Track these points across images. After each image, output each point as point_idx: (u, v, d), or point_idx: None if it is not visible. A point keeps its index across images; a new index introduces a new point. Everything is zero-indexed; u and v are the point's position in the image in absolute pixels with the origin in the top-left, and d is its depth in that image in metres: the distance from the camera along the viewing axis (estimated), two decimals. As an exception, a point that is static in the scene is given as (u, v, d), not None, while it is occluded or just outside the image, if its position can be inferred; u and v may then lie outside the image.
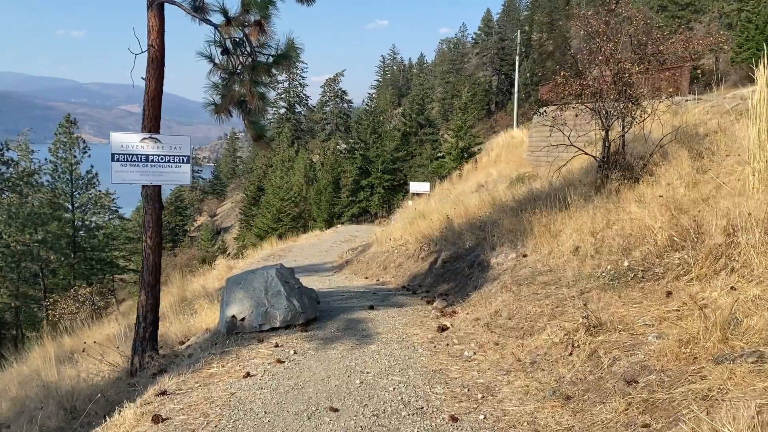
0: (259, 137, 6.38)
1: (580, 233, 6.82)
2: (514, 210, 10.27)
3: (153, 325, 6.43)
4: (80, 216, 39.41)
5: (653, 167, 8.96)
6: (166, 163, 6.43)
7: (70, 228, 37.92)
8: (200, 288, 13.11)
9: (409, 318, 6.35)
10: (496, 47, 77.48)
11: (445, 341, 5.30)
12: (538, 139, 22.38)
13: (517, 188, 15.48)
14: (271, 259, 16.72)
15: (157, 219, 6.45)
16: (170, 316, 9.35)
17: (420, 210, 19.14)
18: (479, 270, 8.11)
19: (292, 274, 6.31)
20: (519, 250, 7.79)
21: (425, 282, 9.57)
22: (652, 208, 6.54)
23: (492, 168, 25.54)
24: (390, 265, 12.20)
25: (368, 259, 13.86)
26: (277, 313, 5.74)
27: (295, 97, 71.02)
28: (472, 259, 8.78)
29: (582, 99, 8.92)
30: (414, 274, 10.43)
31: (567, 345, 4.28)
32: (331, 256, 17.21)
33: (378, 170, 43.34)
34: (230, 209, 75.00)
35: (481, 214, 11.76)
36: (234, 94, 6.01)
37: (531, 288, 6.05)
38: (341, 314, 6.62)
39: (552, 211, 8.23)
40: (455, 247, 9.96)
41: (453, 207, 14.86)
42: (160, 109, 6.39)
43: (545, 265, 6.76)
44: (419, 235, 12.29)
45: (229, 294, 5.95)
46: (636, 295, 4.95)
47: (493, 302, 6.15)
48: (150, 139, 6.34)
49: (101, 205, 44.70)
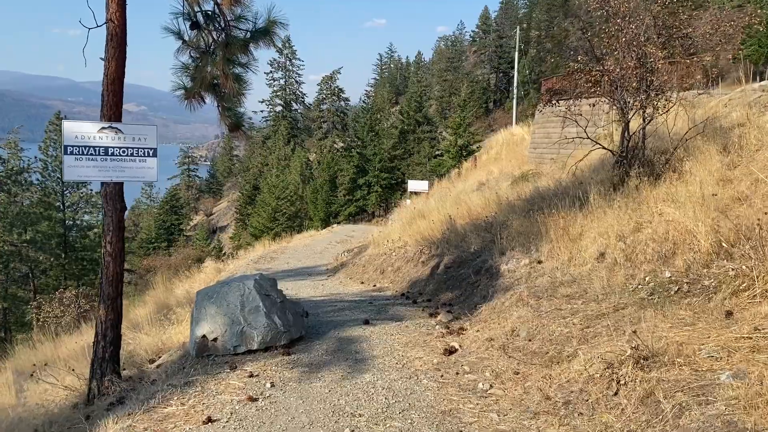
0: (236, 127, 5.51)
1: (606, 237, 5.96)
2: (523, 210, 9.41)
3: (114, 344, 5.55)
4: (71, 215, 38.48)
5: (676, 163, 8.13)
6: (128, 157, 5.55)
7: (60, 227, 37.00)
8: (184, 293, 12.22)
9: (410, 336, 5.48)
10: (494, 45, 76.62)
11: (454, 368, 4.44)
12: (541, 135, 21.53)
13: (522, 186, 14.63)
14: (261, 261, 15.84)
15: (119, 222, 5.57)
16: (146, 327, 8.48)
17: (419, 209, 18.26)
18: (487, 277, 7.25)
19: (274, 285, 5.43)
20: (533, 256, 6.93)
21: (426, 289, 8.70)
22: (688, 208, 5.69)
23: (493, 166, 24.68)
24: (388, 269, 11.33)
25: (365, 262, 12.98)
26: (254, 333, 4.86)
27: (292, 94, 70.01)
28: (478, 264, 7.92)
29: (600, 88, 8.06)
30: (414, 279, 9.56)
31: (610, 381, 3.42)
32: (325, 259, 16.32)
33: (375, 169, 42.47)
34: (226, 208, 74.03)
35: (487, 214, 10.90)
36: (206, 75, 5.14)
37: (552, 302, 5.19)
38: (332, 331, 5.75)
39: (568, 212, 7.38)
40: (459, 251, 9.09)
41: (455, 206, 14.01)
42: (121, 94, 5.51)
43: (566, 273, 5.90)
44: (419, 236, 11.42)
45: (199, 310, 5.08)
46: (685, 315, 4.09)
47: (508, 318, 5.28)
48: (110, 129, 5.46)
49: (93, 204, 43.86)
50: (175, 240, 56.70)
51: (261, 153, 66.66)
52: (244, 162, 78.99)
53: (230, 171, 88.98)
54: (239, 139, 5.88)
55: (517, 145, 31.83)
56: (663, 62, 7.68)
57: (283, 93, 69.24)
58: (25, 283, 34.51)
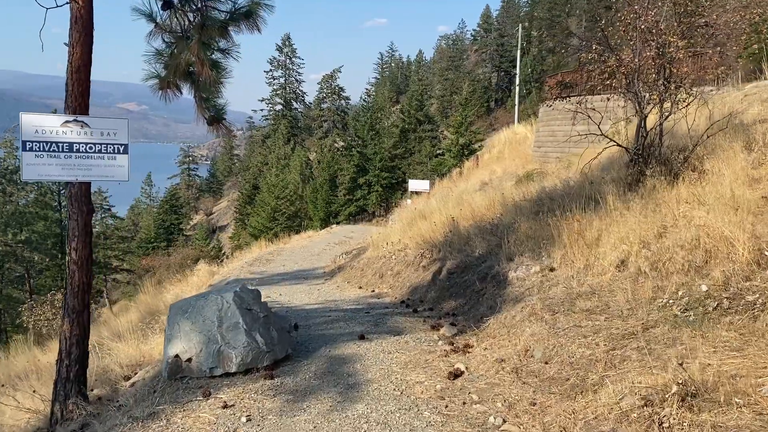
0: (216, 119, 4.93)
1: (627, 243, 5.38)
2: (531, 212, 8.82)
3: (80, 362, 4.98)
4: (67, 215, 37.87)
5: (695, 161, 7.56)
6: (96, 154, 4.98)
7: (57, 227, 36.51)
8: (174, 298, 11.64)
9: (410, 354, 4.90)
10: (496, 43, 76.04)
11: (460, 396, 3.86)
12: (546, 133, 20.94)
13: (527, 186, 14.05)
14: (257, 263, 15.26)
15: (86, 226, 5.00)
16: (127, 336, 7.91)
17: (420, 210, 17.68)
18: (494, 285, 6.66)
19: (257, 298, 4.85)
20: (544, 262, 6.35)
21: (428, 296, 8.12)
22: (718, 211, 5.12)
23: (495, 165, 24.09)
24: (387, 273, 10.74)
25: (363, 265, 12.40)
26: (233, 353, 4.28)
27: (291, 93, 69.42)
28: (484, 270, 7.33)
29: (614, 80, 7.46)
30: (414, 285, 8.98)
31: (649, 423, 2.84)
32: (323, 261, 15.74)
33: (376, 168, 41.88)
34: (226, 208, 73.53)
35: (491, 215, 10.33)
36: (180, 62, 4.56)
37: (571, 317, 4.60)
38: (323, 347, 5.17)
39: (582, 214, 6.80)
40: (462, 255, 8.51)
41: (457, 207, 13.42)
42: (88, 83, 4.94)
43: (583, 283, 5.31)
44: (420, 239, 10.82)
45: (172, 326, 4.50)
46: (729, 337, 3.52)
47: (520, 335, 4.70)
48: (75, 122, 4.88)
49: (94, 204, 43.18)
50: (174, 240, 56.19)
51: (261, 152, 66.14)
52: (244, 161, 78.46)
53: (230, 170, 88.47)
54: (219, 133, 5.30)
55: (520, 143, 31.26)
56: (683, 52, 7.09)
57: (283, 92, 68.67)
58: (21, 284, 34.03)
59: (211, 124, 5.09)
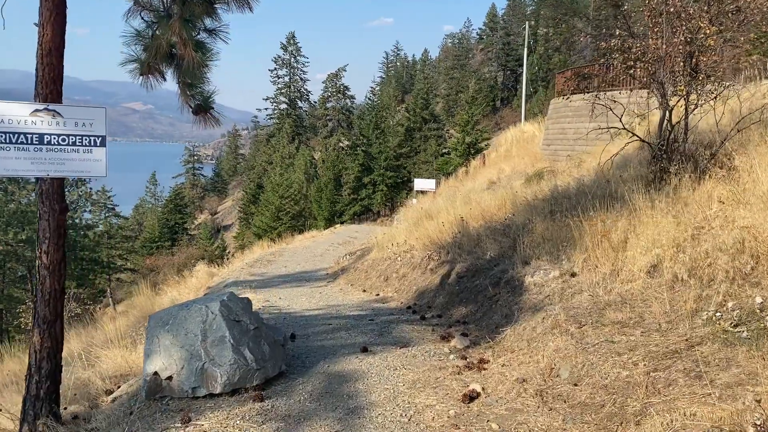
0: (202, 109, 4.42)
1: (659, 246, 4.84)
2: (545, 211, 8.29)
3: (51, 378, 4.48)
4: (70, 214, 37.57)
5: (723, 158, 7.01)
6: (70, 147, 4.48)
7: (59, 227, 35.99)
8: (170, 302, 11.16)
9: (419, 370, 4.38)
10: (502, 42, 75.43)
11: (477, 424, 3.34)
12: (556, 130, 20.36)
13: (538, 185, 13.51)
14: (257, 264, 14.76)
15: (58, 227, 4.49)
16: (114, 343, 7.42)
17: (426, 209, 17.16)
18: (509, 291, 6.14)
19: (247, 308, 4.33)
20: (563, 266, 5.82)
21: (436, 301, 7.60)
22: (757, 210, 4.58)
23: (503, 164, 23.52)
24: (392, 275, 10.22)
25: (367, 266, 11.88)
26: (218, 372, 3.78)
27: (296, 92, 68.93)
28: (496, 274, 6.81)
29: (640, 68, 6.90)
30: (421, 289, 8.46)
31: (716, 470, 2.31)
32: (326, 262, 15.23)
33: (381, 167, 41.37)
34: (231, 207, 73.24)
35: (502, 215, 9.80)
36: (162, 43, 4.06)
37: (601, 331, 4.07)
38: (321, 362, 4.66)
39: (605, 214, 6.27)
40: (473, 257, 7.98)
41: (465, 206, 12.90)
42: (61, 68, 4.44)
43: (610, 291, 4.78)
44: (427, 240, 10.29)
45: (151, 340, 4.00)
46: (797, 359, 2.98)
47: (542, 350, 4.18)
48: (46, 111, 4.39)
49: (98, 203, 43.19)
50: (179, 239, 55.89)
51: (265, 151, 65.71)
52: (249, 161, 78.10)
53: (235, 170, 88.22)
54: (207, 124, 4.78)
55: (528, 142, 30.65)
56: (715, 39, 6.54)
57: (287, 90, 68.18)
58: (23, 283, 33.68)
59: (197, 113, 4.58)
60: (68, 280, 28.03)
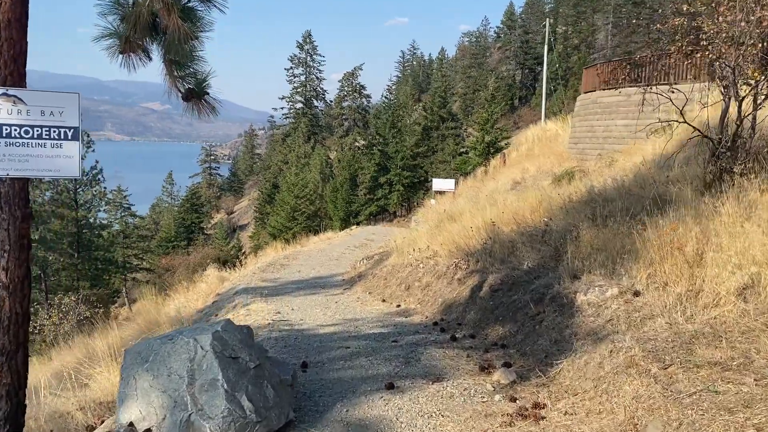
0: (193, 94, 3.62)
1: (754, 262, 3.94)
2: (585, 215, 7.39)
3: (11, 421, 3.69)
4: (84, 213, 37.24)
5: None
6: (35, 140, 3.70)
7: (73, 226, 35.83)
8: (175, 312, 10.41)
9: (460, 419, 3.52)
10: (520, 40, 74.21)
11: None
12: (584, 128, 19.37)
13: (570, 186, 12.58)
14: (270, 269, 13.98)
15: (20, 237, 3.71)
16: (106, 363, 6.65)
17: (447, 211, 16.31)
18: (556, 311, 5.26)
19: (247, 339, 3.49)
20: (623, 283, 4.92)
21: (466, 317, 6.73)
22: None
23: (527, 163, 22.52)
24: (414, 284, 9.37)
25: (386, 273, 11.04)
26: (207, 426, 2.95)
27: (312, 91, 68.26)
28: (539, 289, 5.93)
29: (703, 54, 5.98)
30: (448, 302, 7.59)
31: None
32: (342, 266, 14.41)
33: (397, 166, 40.52)
34: (247, 207, 73.01)
35: (536, 219, 8.90)
36: (142, 11, 3.25)
37: (694, 374, 3.18)
38: (338, 404, 3.82)
39: (659, 218, 5.38)
40: (507, 268, 7.09)
41: (491, 208, 12.02)
42: (24, 44, 3.67)
43: (692, 318, 3.88)
44: (452, 246, 9.42)
45: (127, 381, 3.20)
46: None
47: (615, 395, 3.31)
48: (5, 97, 3.61)
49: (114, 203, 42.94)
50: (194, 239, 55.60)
51: (281, 151, 65.21)
52: (265, 160, 77.74)
53: (251, 169, 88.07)
54: (200, 112, 3.96)
55: (551, 140, 29.60)
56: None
57: (303, 89, 67.55)
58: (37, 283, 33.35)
59: (188, 99, 3.76)
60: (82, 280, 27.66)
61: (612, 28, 65.04)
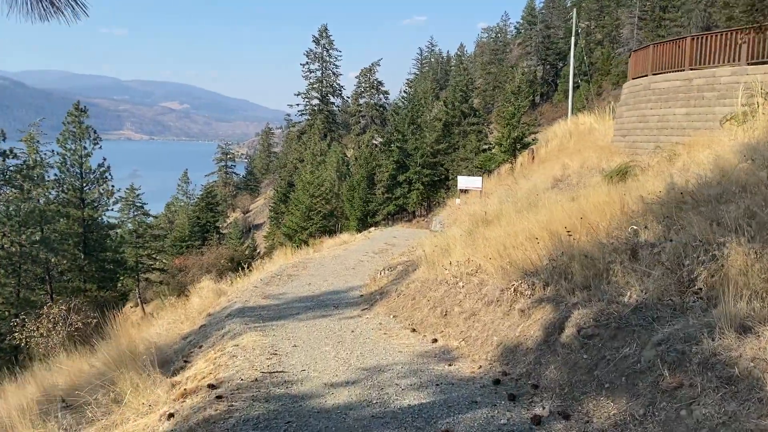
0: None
1: None
2: (695, 222, 5.21)
3: None
4: (91, 213, 35.66)
5: None
6: None
7: (79, 226, 34.26)
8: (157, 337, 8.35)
9: None
10: (541, 36, 71.71)
11: None
12: (634, 118, 17.06)
13: (625, 183, 10.38)
14: (275, 281, 11.90)
15: None
16: None
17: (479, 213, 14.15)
18: (717, 387, 3.11)
19: None
20: None
21: (544, 375, 4.58)
22: None
23: (565, 158, 20.20)
24: (454, 309, 7.22)
25: (414, 290, 8.90)
26: None
27: (328, 87, 66.27)
28: (672, 343, 3.76)
29: None
30: (510, 345, 5.44)
31: None
32: (359, 277, 12.30)
33: (416, 164, 38.36)
34: (263, 206, 71.62)
35: (610, 226, 6.72)
36: None
37: None
38: None
39: None
40: (601, 300, 4.92)
41: (538, 211, 9.86)
42: None
43: None
44: (502, 259, 7.22)
45: None
46: None
47: None
48: None
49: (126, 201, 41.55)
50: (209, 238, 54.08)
51: (296, 148, 63.39)
52: (281, 158, 76.11)
53: (267, 168, 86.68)
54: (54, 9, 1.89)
55: (586, 134, 27.25)
56: None
57: (319, 85, 65.58)
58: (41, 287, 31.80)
59: None
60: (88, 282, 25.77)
61: (638, 21, 62.25)
